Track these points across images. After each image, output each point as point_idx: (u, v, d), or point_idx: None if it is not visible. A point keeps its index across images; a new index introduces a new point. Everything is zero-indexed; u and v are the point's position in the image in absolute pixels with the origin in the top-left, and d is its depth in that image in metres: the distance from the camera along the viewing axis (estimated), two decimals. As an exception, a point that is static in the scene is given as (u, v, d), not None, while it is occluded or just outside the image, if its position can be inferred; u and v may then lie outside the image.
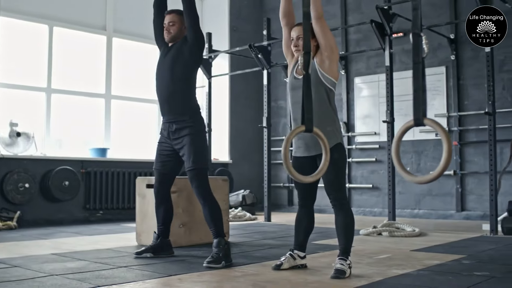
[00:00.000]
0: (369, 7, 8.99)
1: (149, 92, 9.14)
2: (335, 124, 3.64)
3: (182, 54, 4.23)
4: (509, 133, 7.20)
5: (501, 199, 7.46)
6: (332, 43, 3.61)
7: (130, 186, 8.12)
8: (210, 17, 9.95)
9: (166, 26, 4.32)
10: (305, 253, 3.86)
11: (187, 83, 4.26)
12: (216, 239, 3.99)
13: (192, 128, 4.19)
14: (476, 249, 4.72)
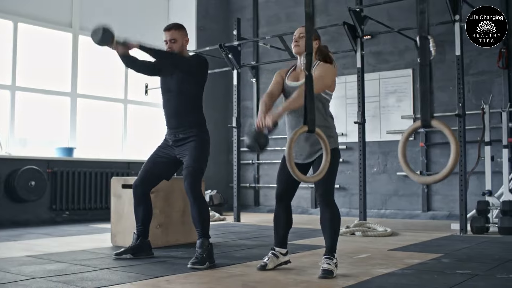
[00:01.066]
0: (336, 9, 9.10)
1: (116, 91, 9.03)
2: (332, 131, 3.70)
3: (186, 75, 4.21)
4: (475, 135, 7.36)
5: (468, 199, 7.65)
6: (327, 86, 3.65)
7: (97, 186, 8.00)
8: (177, 16, 9.85)
9: (168, 44, 4.25)
10: (287, 249, 3.86)
11: (194, 99, 4.30)
12: (200, 240, 3.95)
13: (198, 137, 4.22)
14: (451, 248, 4.81)
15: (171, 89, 4.28)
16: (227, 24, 10.32)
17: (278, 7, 9.79)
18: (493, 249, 4.73)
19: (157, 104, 9.61)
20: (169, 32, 4.27)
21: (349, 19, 8.73)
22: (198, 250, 3.89)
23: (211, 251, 3.93)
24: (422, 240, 5.45)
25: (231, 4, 10.38)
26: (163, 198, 5.00)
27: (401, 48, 8.33)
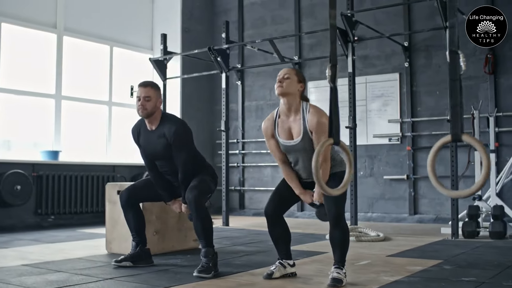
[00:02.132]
0: (322, 12, 9.11)
1: (101, 93, 8.90)
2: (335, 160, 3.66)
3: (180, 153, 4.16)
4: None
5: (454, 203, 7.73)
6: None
7: (83, 190, 7.89)
8: (162, 18, 9.78)
9: (142, 100, 4.13)
10: (293, 260, 3.84)
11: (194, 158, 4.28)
12: (205, 249, 3.91)
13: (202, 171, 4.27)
14: (448, 253, 4.84)
15: (161, 158, 4.26)
16: (211, 26, 10.27)
17: (263, 9, 9.77)
18: (489, 255, 4.77)
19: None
20: (145, 88, 4.17)
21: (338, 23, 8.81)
22: (204, 259, 3.84)
23: (216, 260, 3.89)
24: (417, 245, 5.48)
25: (215, 6, 10.33)
26: (159, 204, 4.92)
27: (387, 52, 8.38)
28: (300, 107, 3.59)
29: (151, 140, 4.20)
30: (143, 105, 4.12)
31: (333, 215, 3.57)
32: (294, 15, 9.39)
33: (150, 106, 4.13)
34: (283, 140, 3.63)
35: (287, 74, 3.61)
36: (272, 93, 9.60)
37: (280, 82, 3.58)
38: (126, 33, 9.32)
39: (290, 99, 3.59)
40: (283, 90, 3.57)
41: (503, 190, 7.20)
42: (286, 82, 3.57)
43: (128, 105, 9.24)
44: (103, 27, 8.89)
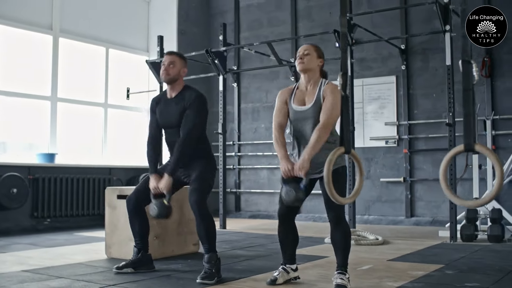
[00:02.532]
0: (319, 14, 9.12)
1: (97, 95, 8.87)
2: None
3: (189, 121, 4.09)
4: (458, 141, 7.45)
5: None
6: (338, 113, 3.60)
7: (79, 192, 7.86)
8: (158, 19, 9.74)
9: (166, 66, 4.14)
10: (296, 264, 3.83)
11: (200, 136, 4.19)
12: (208, 254, 3.88)
13: (204, 158, 4.19)
14: (449, 257, 4.85)
15: (173, 125, 4.17)
16: (208, 28, 10.25)
17: (260, 11, 9.76)
18: (489, 259, 4.78)
19: (138, 109, 9.50)
20: (171, 56, 4.20)
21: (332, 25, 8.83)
22: (207, 265, 3.82)
23: (219, 265, 3.88)
24: (416, 248, 5.48)
25: (212, 8, 10.30)
26: (160, 208, 4.91)
27: (384, 55, 8.39)
28: (319, 82, 3.65)
29: (169, 107, 4.17)
30: (166, 69, 4.13)
31: (333, 216, 3.57)
32: (290, 17, 9.38)
33: (173, 72, 4.14)
34: (295, 106, 3.64)
35: (307, 50, 3.66)
36: (268, 95, 9.60)
37: (301, 59, 3.65)
38: (122, 34, 9.28)
39: (310, 74, 3.66)
40: (305, 66, 3.64)
41: (500, 193, 7.22)
42: (307, 58, 3.63)
43: (124, 107, 9.21)
44: (99, 28, 8.86)
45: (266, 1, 9.69)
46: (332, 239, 3.62)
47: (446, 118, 7.73)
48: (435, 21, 7.91)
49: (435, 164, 7.94)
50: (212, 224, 3.98)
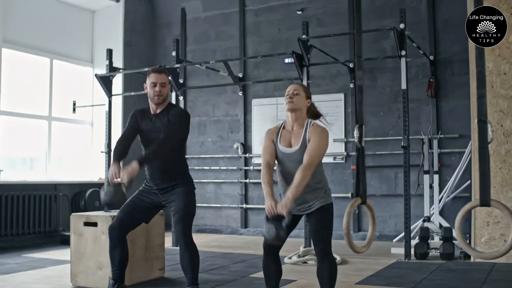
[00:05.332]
0: (268, 30, 9.21)
1: (41, 108, 8.58)
2: (324, 185, 3.74)
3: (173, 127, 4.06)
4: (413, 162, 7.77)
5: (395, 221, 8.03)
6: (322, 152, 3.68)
7: (24, 210, 7.57)
8: (103, 31, 9.52)
9: (159, 86, 4.07)
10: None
11: (178, 152, 4.19)
12: (190, 287, 3.86)
13: (184, 183, 4.14)
14: (411, 278, 5.04)
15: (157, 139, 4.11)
16: (153, 40, 10.12)
17: (207, 24, 9.73)
18: (450, 280, 5.00)
19: (85, 122, 9.27)
20: (161, 75, 4.13)
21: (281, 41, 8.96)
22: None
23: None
24: (376, 268, 5.64)
25: (157, 20, 10.17)
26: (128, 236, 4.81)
27: (333, 73, 8.57)
28: (305, 122, 3.70)
29: (155, 123, 4.12)
30: (160, 91, 4.07)
31: (321, 250, 3.63)
32: (238, 32, 9.41)
33: (165, 92, 4.12)
34: (282, 147, 3.68)
35: (296, 90, 3.71)
36: (215, 109, 9.59)
37: (291, 98, 3.68)
38: (67, 45, 9.02)
39: (298, 114, 3.70)
40: (294, 106, 3.68)
41: (443, 209, 7.53)
42: (296, 98, 3.68)
43: (69, 120, 8.96)
44: (43, 39, 8.57)
45: (214, 15, 9.68)
46: (319, 272, 3.68)
47: (392, 135, 8.11)
48: (382, 41, 8.22)
49: (382, 180, 8.20)
50: (197, 255, 3.98)
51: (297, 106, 3.68)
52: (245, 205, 9.16)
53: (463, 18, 7.39)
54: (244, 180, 9.19)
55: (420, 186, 7.07)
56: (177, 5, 9.94)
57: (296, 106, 3.68)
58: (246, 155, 9.21)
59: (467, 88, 7.42)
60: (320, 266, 3.68)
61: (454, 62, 7.81)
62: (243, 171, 9.24)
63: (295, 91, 3.70)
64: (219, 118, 9.57)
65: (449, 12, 7.86)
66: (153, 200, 4.15)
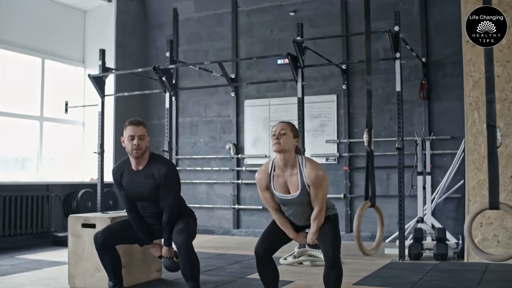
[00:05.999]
0: (260, 31, 9.22)
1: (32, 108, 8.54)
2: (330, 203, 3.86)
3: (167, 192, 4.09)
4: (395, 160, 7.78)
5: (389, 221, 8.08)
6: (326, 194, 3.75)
7: (17, 211, 7.54)
8: (95, 31, 9.48)
9: (137, 139, 4.01)
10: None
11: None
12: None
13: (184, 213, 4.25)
14: (408, 279, 5.09)
15: (145, 199, 4.13)
16: (145, 40, 10.10)
17: (199, 25, 9.72)
18: (447, 281, 5.05)
19: (76, 122, 9.23)
20: (138, 127, 4.06)
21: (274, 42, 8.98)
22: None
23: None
24: (371, 269, 5.68)
25: (149, 20, 10.15)
26: (126, 236, 4.82)
27: (325, 74, 8.61)
28: (296, 162, 3.65)
29: (137, 181, 4.07)
30: (139, 144, 4.00)
31: (331, 257, 3.63)
32: (231, 32, 9.42)
33: (144, 145, 4.04)
34: (279, 194, 3.67)
35: (283, 130, 3.64)
36: (207, 110, 9.59)
37: (278, 139, 3.60)
38: (58, 45, 8.97)
39: (286, 155, 3.64)
40: (281, 148, 3.60)
41: (435, 210, 7.60)
42: (283, 139, 3.61)
43: (60, 120, 8.91)
44: (34, 39, 8.51)
45: (206, 16, 9.68)
46: (326, 278, 3.69)
47: (384, 137, 8.16)
48: (375, 43, 8.25)
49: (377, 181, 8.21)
50: (198, 264, 4.01)
51: (284, 147, 3.61)
52: (237, 206, 9.18)
53: (455, 20, 7.63)
54: (237, 180, 9.20)
55: (414, 187, 7.12)
56: (169, 6, 9.93)
57: (283, 148, 3.61)
58: (238, 155, 9.22)
59: (459, 90, 7.53)
60: (327, 273, 3.67)
61: (446, 64, 7.88)
62: (235, 172, 9.25)
63: (282, 131, 3.63)
64: (211, 118, 9.56)
65: (441, 14, 7.93)
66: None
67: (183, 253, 3.91)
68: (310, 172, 3.59)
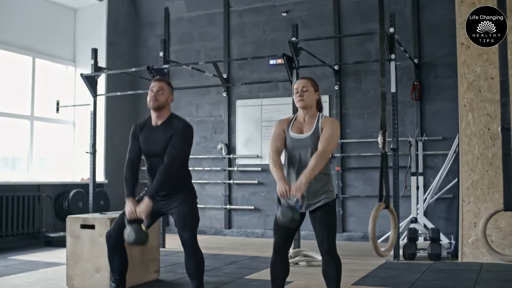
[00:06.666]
0: (252, 31, 9.23)
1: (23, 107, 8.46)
2: (330, 181, 3.76)
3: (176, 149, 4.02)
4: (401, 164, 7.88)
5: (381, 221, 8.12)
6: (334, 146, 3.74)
7: (8, 211, 7.46)
8: (86, 30, 9.42)
9: (154, 92, 4.04)
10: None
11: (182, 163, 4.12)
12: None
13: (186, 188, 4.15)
14: (405, 279, 5.13)
15: (158, 154, 4.06)
16: (136, 39, 10.06)
17: (191, 25, 9.70)
18: (444, 281, 5.10)
19: (67, 121, 9.17)
20: (160, 83, 4.12)
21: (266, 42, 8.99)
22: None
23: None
24: (368, 269, 5.72)
25: (141, 19, 10.11)
26: (125, 237, 4.80)
27: (318, 74, 8.59)
28: (316, 115, 3.77)
29: (155, 135, 4.06)
30: (155, 96, 4.03)
31: (326, 250, 3.66)
32: (223, 32, 9.41)
33: (162, 99, 4.05)
34: (294, 134, 3.72)
35: (305, 87, 3.74)
36: (199, 110, 9.58)
37: (301, 96, 3.72)
38: (49, 44, 8.90)
39: (309, 109, 3.76)
40: (305, 104, 3.73)
41: (427, 210, 7.66)
42: (306, 95, 3.72)
43: (51, 119, 8.85)
44: (25, 37, 8.43)
45: (198, 15, 9.66)
46: (325, 271, 3.71)
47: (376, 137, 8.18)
48: (367, 44, 8.32)
49: (366, 181, 8.30)
50: (202, 261, 4.00)
51: (308, 103, 3.73)
52: (229, 206, 9.17)
53: (447, 22, 7.72)
54: (228, 181, 9.20)
55: (408, 187, 7.18)
56: (160, 5, 9.89)
57: (307, 104, 3.73)
58: (230, 156, 9.22)
59: (450, 91, 7.62)
60: (326, 266, 3.70)
61: (438, 65, 7.94)
62: (227, 172, 9.25)
63: (304, 88, 3.74)
64: (203, 118, 9.55)
65: (433, 16, 8.00)
66: (153, 208, 4.04)
67: (189, 250, 3.92)
68: (325, 120, 3.72)
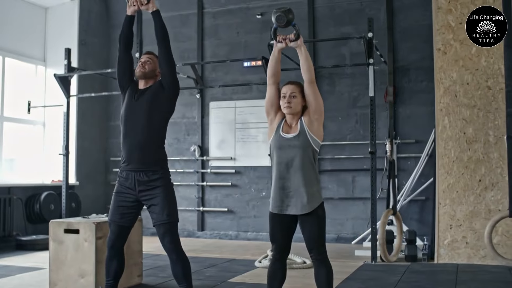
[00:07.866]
0: (226, 33, 9.22)
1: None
2: (319, 184, 3.74)
3: (158, 100, 3.99)
4: (362, 163, 7.99)
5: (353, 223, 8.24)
6: (321, 107, 3.70)
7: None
8: (56, 28, 9.25)
9: (142, 62, 4.08)
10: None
11: (161, 132, 4.07)
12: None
13: (164, 179, 3.99)
14: (386, 281, 5.21)
15: (137, 120, 3.99)
16: (108, 39, 9.93)
17: (164, 26, 9.61)
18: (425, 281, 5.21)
19: (37, 122, 9.00)
20: (148, 54, 4.17)
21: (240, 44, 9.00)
22: (190, 307, 3.80)
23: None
24: (347, 271, 5.75)
25: (112, 19, 9.98)
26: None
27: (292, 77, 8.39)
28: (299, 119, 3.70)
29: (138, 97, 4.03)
30: (142, 64, 4.06)
31: (318, 255, 3.65)
32: (196, 34, 9.38)
33: (149, 68, 4.06)
34: (284, 134, 3.65)
35: (294, 93, 3.67)
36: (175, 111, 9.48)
37: (289, 103, 3.64)
38: (18, 43, 8.72)
39: (295, 115, 3.69)
40: (292, 111, 3.65)
41: (400, 212, 7.74)
42: (294, 102, 3.64)
43: (23, 120, 8.67)
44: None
45: (171, 16, 9.57)
46: (317, 277, 3.72)
47: (350, 140, 8.33)
48: (341, 47, 8.42)
49: (340, 183, 8.39)
50: (188, 263, 3.98)
51: (295, 110, 3.66)
52: (201, 208, 9.15)
53: (421, 27, 7.87)
54: (201, 183, 9.17)
55: (384, 190, 7.27)
56: (132, 5, 9.77)
57: (294, 111, 3.66)
58: (203, 157, 9.19)
59: (423, 95, 7.79)
60: (317, 271, 3.69)
61: (411, 69, 8.07)
62: (200, 174, 9.22)
63: (292, 94, 3.67)
64: (175, 120, 9.47)
65: (407, 21, 8.13)
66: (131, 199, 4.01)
67: (172, 254, 3.90)
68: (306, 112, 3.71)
